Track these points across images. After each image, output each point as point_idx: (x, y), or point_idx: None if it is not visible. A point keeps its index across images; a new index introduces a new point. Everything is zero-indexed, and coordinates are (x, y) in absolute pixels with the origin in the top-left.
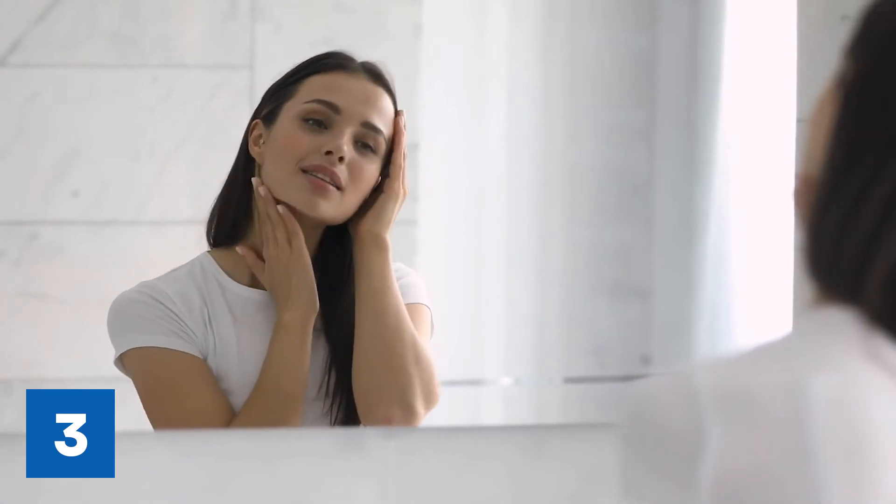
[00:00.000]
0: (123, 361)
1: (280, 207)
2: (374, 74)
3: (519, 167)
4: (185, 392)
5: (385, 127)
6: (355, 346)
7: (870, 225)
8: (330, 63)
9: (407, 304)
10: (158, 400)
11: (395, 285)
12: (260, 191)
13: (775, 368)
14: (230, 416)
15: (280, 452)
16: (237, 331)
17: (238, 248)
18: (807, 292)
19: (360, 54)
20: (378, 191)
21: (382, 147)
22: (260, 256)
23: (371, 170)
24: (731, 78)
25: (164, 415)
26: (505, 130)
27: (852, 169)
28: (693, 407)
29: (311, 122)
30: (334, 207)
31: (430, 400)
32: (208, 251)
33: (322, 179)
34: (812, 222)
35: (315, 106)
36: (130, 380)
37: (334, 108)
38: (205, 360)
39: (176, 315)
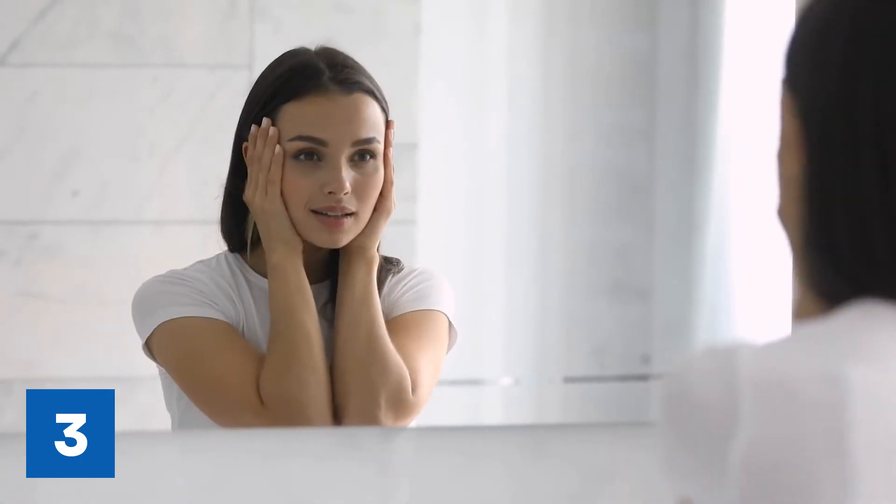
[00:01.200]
0: (152, 343)
1: (278, 148)
2: (347, 84)
3: (519, 167)
4: (216, 353)
5: (376, 131)
6: (332, 356)
7: (883, 213)
8: (300, 86)
9: (419, 311)
10: (191, 367)
11: (376, 298)
12: (270, 132)
13: (815, 357)
14: (260, 370)
15: (280, 452)
16: (261, 322)
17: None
18: (809, 290)
19: (360, 54)
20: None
21: (380, 148)
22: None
23: (376, 177)
24: (731, 78)
25: (198, 381)
26: (505, 130)
27: (840, 162)
28: (730, 390)
29: (302, 156)
30: (353, 232)
31: (400, 411)
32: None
33: (334, 217)
34: (814, 226)
35: (301, 144)
36: (157, 366)
37: (320, 142)
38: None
39: (202, 291)
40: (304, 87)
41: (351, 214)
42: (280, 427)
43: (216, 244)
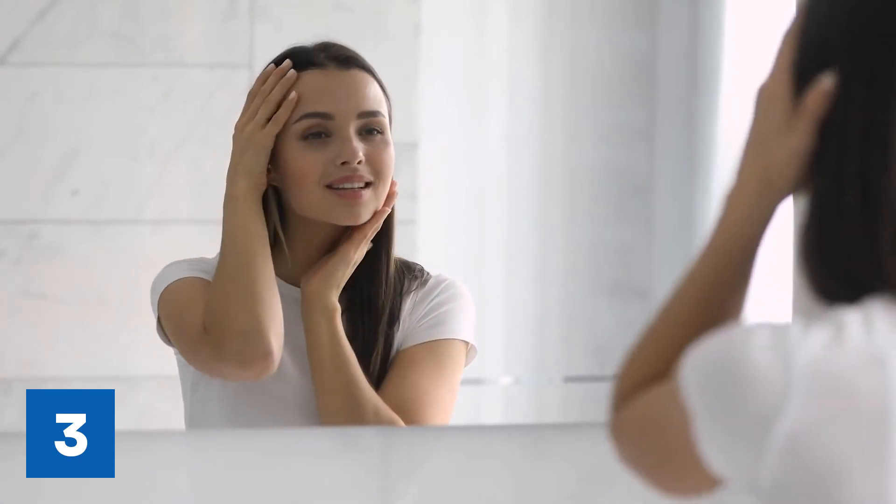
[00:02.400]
0: (161, 317)
1: (293, 94)
2: (343, 59)
3: (519, 167)
4: (191, 302)
5: (379, 105)
6: (317, 408)
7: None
8: (298, 69)
9: (435, 341)
10: (176, 322)
11: (347, 351)
12: (288, 74)
13: (863, 344)
14: None
15: (280, 452)
16: None
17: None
18: (808, 293)
19: (360, 54)
20: (331, 251)
21: (387, 123)
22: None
23: (387, 151)
24: (731, 78)
25: (183, 336)
26: (505, 130)
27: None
28: (785, 368)
29: (310, 136)
30: (372, 205)
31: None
32: None
33: (351, 188)
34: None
35: (307, 122)
36: (174, 353)
37: (326, 116)
38: None
39: (203, 261)
40: (303, 69)
41: (368, 185)
42: (222, 354)
43: (216, 244)
